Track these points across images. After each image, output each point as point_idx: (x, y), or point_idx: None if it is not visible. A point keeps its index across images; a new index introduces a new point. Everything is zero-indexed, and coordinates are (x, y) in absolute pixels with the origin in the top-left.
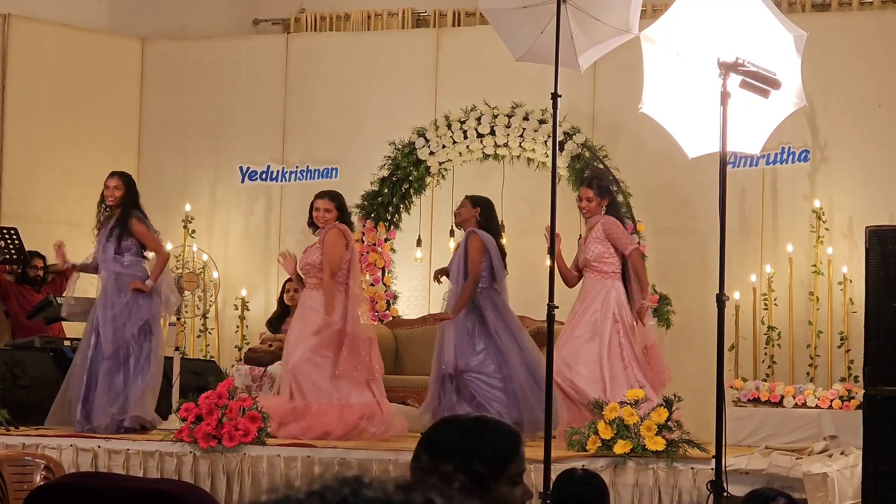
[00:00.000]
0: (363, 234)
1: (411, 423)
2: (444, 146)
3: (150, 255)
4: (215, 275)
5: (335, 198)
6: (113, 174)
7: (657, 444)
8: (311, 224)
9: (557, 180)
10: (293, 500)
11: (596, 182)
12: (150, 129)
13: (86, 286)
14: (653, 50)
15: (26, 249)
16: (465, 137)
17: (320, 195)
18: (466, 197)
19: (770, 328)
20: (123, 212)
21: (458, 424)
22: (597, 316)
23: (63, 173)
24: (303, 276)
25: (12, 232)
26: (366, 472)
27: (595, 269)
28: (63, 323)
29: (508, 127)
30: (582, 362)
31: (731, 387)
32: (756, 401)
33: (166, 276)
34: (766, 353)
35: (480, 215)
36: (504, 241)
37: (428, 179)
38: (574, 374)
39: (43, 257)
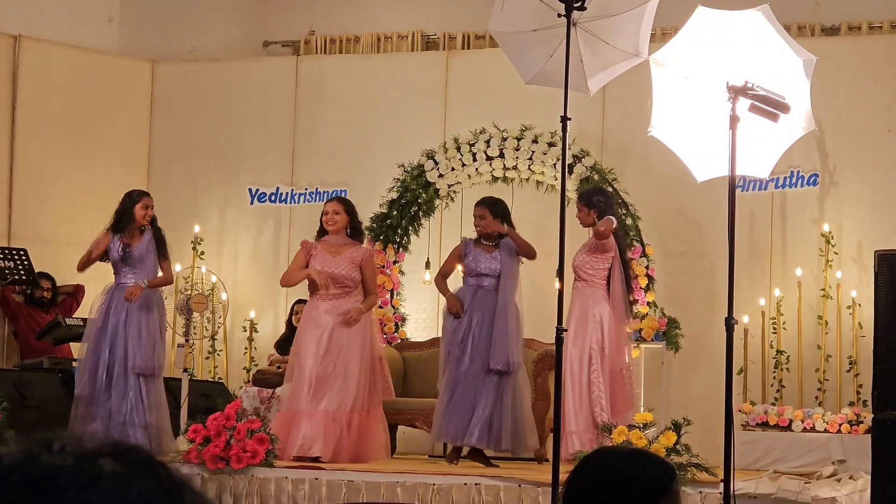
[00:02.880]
0: (371, 256)
1: (419, 445)
2: (453, 168)
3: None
4: (224, 296)
5: (344, 202)
6: (147, 194)
7: None
8: (322, 232)
9: (566, 203)
10: None
11: (584, 196)
12: (160, 150)
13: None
14: (662, 73)
15: (35, 271)
16: (475, 160)
17: (329, 199)
18: (485, 208)
19: (779, 352)
20: (158, 232)
21: (616, 453)
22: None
23: (72, 194)
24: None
25: (21, 253)
26: (374, 495)
27: (578, 277)
28: (71, 344)
29: (517, 150)
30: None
31: (740, 411)
32: (765, 425)
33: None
34: (774, 377)
35: (501, 223)
36: None
37: (437, 202)
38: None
39: (52, 279)
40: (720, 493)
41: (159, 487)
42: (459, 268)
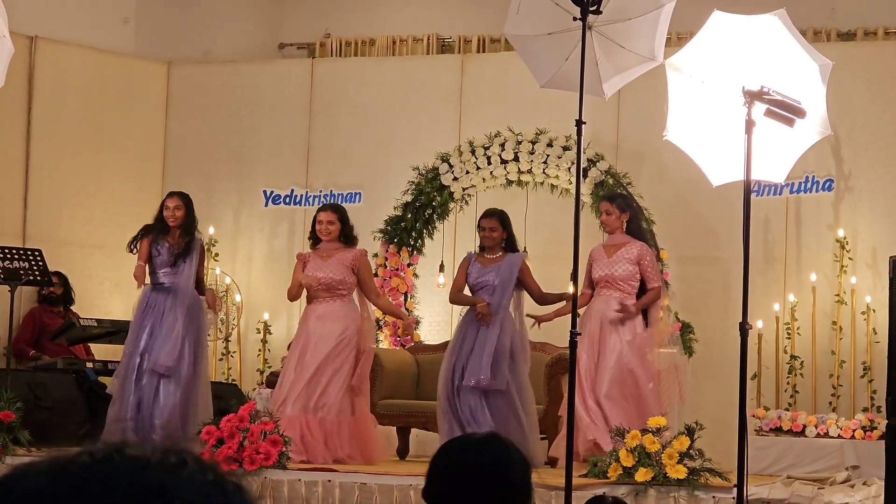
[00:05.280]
0: (386, 258)
1: (432, 447)
2: (467, 172)
3: None
4: (238, 298)
5: (337, 209)
6: (172, 194)
7: (679, 472)
8: (314, 238)
9: (581, 207)
10: (62, 459)
11: (618, 198)
12: (175, 152)
13: (91, 307)
14: (677, 78)
15: (49, 271)
16: (489, 163)
17: (323, 208)
18: (494, 218)
19: (793, 357)
20: (192, 237)
21: (473, 442)
22: (627, 340)
23: (87, 196)
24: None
25: (36, 253)
26: (386, 498)
27: (619, 289)
28: (87, 344)
29: (532, 153)
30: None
31: (754, 416)
32: (778, 430)
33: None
34: (788, 383)
35: (508, 237)
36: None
37: (451, 205)
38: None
39: (63, 276)
40: (734, 497)
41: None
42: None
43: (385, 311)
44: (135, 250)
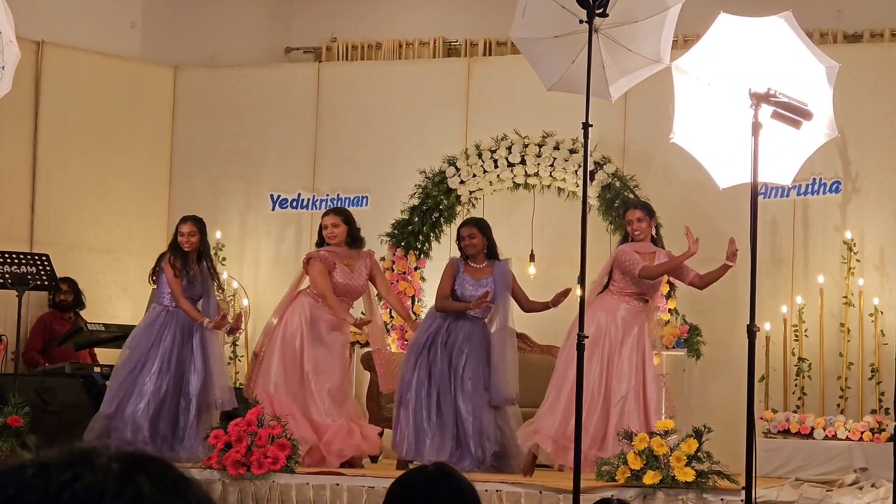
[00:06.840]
0: (393, 262)
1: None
2: (474, 175)
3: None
4: (245, 302)
5: (340, 212)
6: (186, 219)
7: (687, 474)
8: (321, 244)
9: (588, 210)
10: (23, 473)
11: (645, 204)
12: (182, 156)
13: (98, 311)
14: (684, 80)
15: (57, 276)
16: (496, 166)
17: (326, 213)
18: (472, 225)
19: (800, 359)
20: (212, 267)
21: (424, 474)
22: (640, 348)
23: (95, 200)
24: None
25: (43, 258)
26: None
27: (641, 299)
28: (94, 349)
29: (539, 156)
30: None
31: (762, 418)
32: (786, 432)
33: None
34: (796, 385)
35: (489, 243)
36: (532, 269)
37: (458, 208)
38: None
39: (72, 281)
40: (742, 500)
41: None
42: None
43: (395, 308)
44: (154, 282)
